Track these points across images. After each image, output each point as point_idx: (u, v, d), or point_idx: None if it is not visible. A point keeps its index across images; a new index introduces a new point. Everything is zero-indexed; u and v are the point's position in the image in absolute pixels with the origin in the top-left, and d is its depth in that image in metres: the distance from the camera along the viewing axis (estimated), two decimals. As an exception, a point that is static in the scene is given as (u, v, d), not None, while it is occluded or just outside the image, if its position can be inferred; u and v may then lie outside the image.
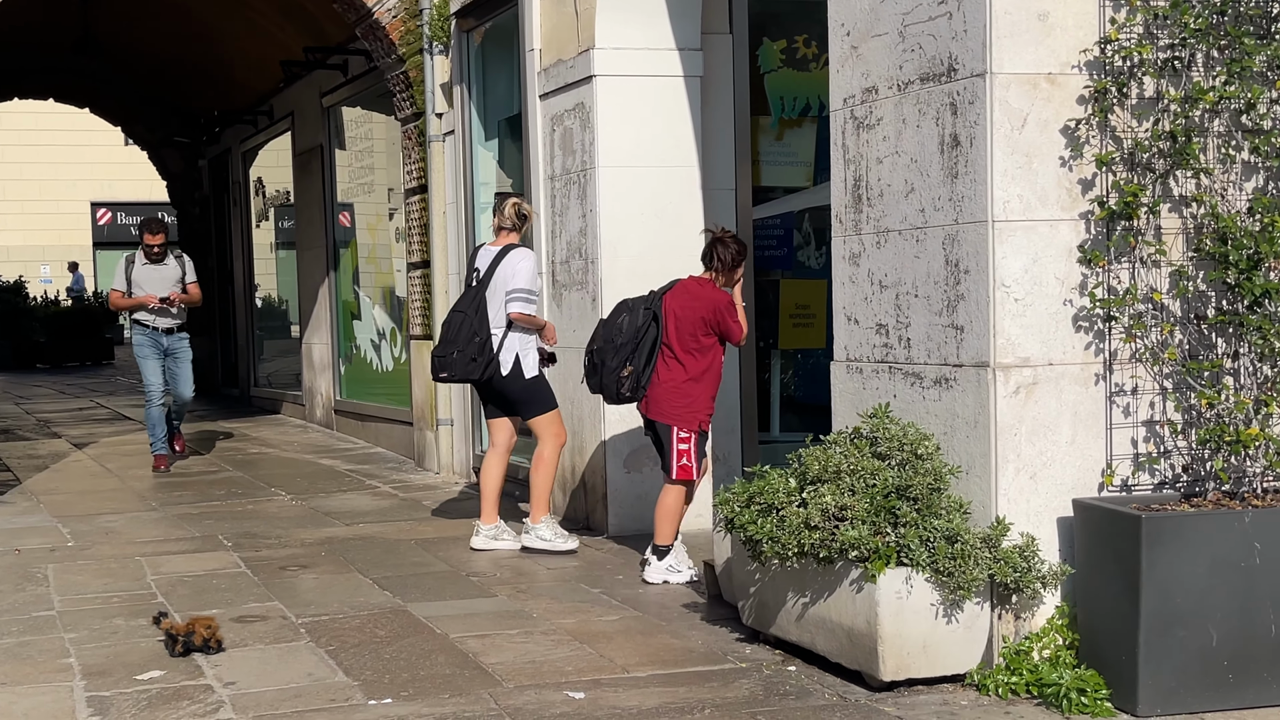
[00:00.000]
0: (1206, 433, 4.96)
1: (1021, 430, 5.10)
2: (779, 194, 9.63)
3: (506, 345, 7.93)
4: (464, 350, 7.93)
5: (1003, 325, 5.08)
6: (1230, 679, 4.75)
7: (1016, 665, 5.06)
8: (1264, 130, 5.02)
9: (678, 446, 7.06)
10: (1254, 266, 4.87)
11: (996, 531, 5.04)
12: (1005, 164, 5.05)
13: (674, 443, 7.06)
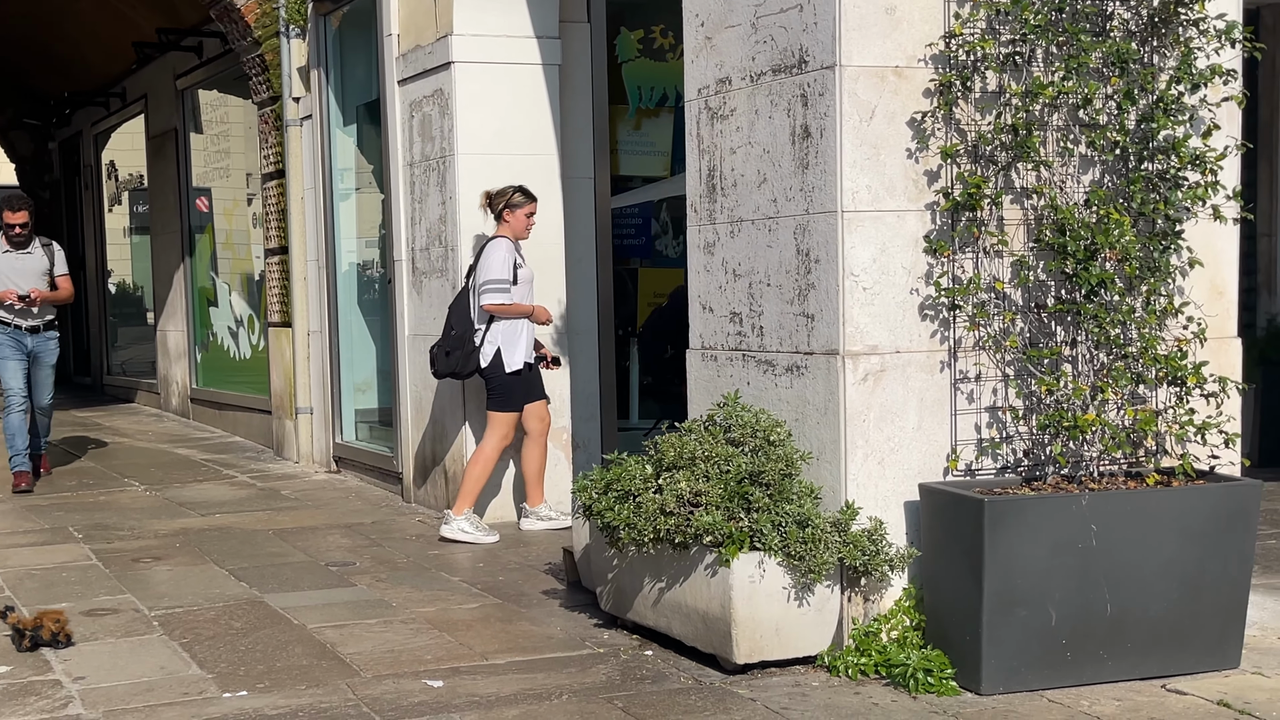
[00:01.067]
0: (1046, 418, 5.10)
1: (870, 417, 5.20)
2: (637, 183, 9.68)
3: (489, 338, 7.88)
4: (444, 345, 7.97)
5: (852, 314, 5.17)
6: (1068, 656, 4.90)
7: (866, 646, 5.16)
8: (1099, 125, 5.17)
9: None
10: (1090, 257, 5.01)
11: (846, 516, 5.13)
12: (854, 155, 5.14)
13: None
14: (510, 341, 7.82)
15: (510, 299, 7.81)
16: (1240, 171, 5.56)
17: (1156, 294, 5.20)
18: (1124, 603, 4.92)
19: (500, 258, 7.77)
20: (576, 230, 8.83)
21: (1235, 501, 5.05)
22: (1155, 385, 5.23)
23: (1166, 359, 5.12)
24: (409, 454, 9.27)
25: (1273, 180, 10.06)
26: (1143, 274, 5.14)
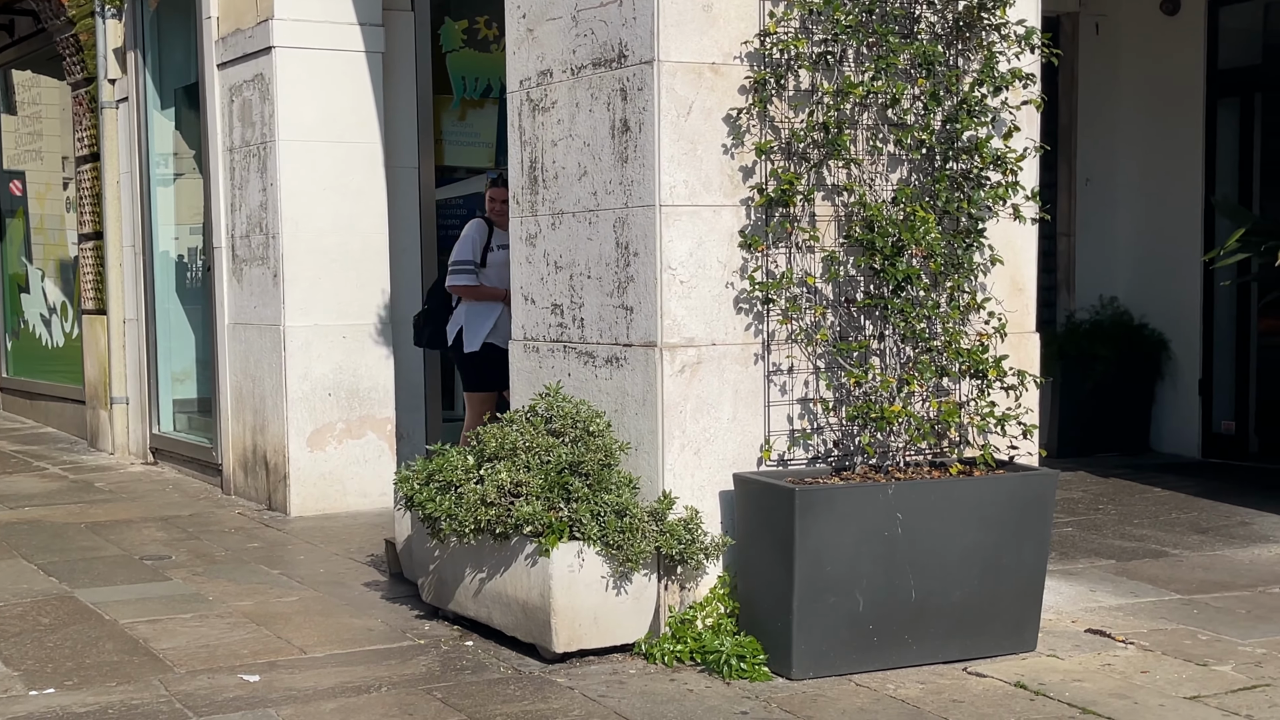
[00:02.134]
0: (855, 410, 5.23)
1: (687, 408, 5.27)
2: (463, 174, 9.63)
3: (454, 317, 7.88)
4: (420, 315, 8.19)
5: (669, 306, 5.23)
6: (875, 641, 5.03)
7: (682, 634, 5.23)
8: (907, 125, 5.31)
9: None
10: (897, 253, 5.15)
11: (663, 505, 5.19)
12: (672, 150, 5.19)
13: None
14: (473, 322, 7.77)
15: (475, 281, 7.78)
16: (1040, 173, 5.75)
17: (960, 290, 5.36)
18: (928, 588, 5.07)
19: (467, 238, 7.78)
20: (401, 220, 8.77)
21: (1032, 490, 5.24)
22: (958, 378, 5.39)
23: (969, 353, 5.28)
24: (229, 445, 9.09)
25: (1071, 182, 10.44)
26: (947, 270, 5.30)
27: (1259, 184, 9.65)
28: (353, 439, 8.52)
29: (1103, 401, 9.93)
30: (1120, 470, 9.35)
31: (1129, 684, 4.90)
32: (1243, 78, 9.66)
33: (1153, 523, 7.64)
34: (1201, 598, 6.06)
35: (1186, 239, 9.76)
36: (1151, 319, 10.09)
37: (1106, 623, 5.65)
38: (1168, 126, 9.90)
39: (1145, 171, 10.08)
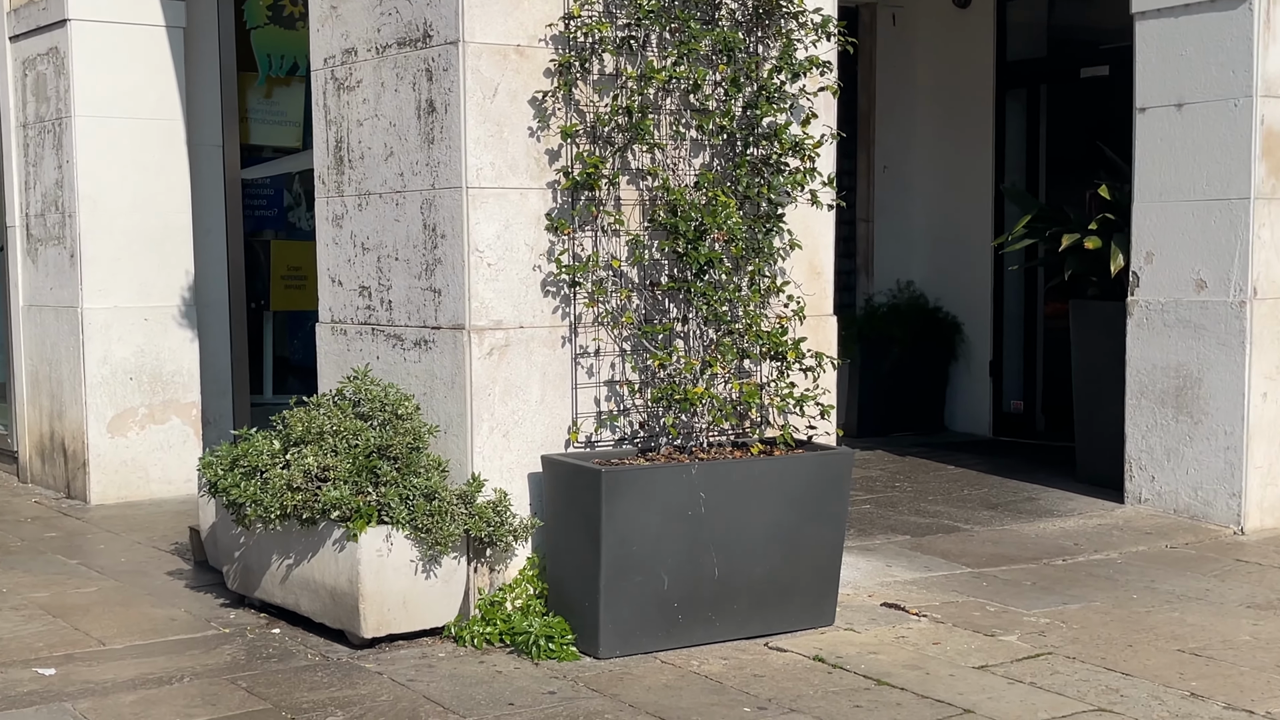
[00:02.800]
0: (659, 391, 5.24)
1: (495, 390, 5.21)
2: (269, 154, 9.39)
3: None
4: None
5: (477, 289, 5.16)
6: (680, 619, 5.06)
7: (491, 616, 5.19)
8: (708, 110, 5.33)
9: None
10: (700, 237, 5.17)
11: (472, 488, 5.14)
12: (478, 132, 5.12)
13: None
14: None
15: None
16: (840, 160, 5.84)
17: (760, 274, 5.41)
18: (731, 567, 5.11)
19: None
20: (205, 200, 8.50)
21: (830, 469, 5.32)
22: (759, 360, 5.45)
23: (769, 335, 5.34)
24: (25, 432, 8.72)
25: (870, 169, 10.66)
26: (748, 254, 5.34)
27: (1045, 172, 9.98)
28: (156, 424, 8.25)
29: (900, 382, 10.17)
30: (916, 449, 9.58)
31: (921, 655, 5.02)
32: (1029, 69, 9.97)
33: (946, 499, 7.85)
34: (990, 571, 6.25)
35: (978, 225, 10.05)
36: (946, 302, 10.36)
37: (901, 596, 5.78)
38: (960, 116, 10.17)
39: (940, 159, 10.34)
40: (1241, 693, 4.58)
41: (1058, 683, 4.69)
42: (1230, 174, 6.92)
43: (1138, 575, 6.15)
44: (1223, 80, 6.93)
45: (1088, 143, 8.70)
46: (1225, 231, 6.95)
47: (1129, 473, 7.44)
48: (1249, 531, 6.93)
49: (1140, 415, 7.38)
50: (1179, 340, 7.17)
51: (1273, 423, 6.98)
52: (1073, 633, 5.27)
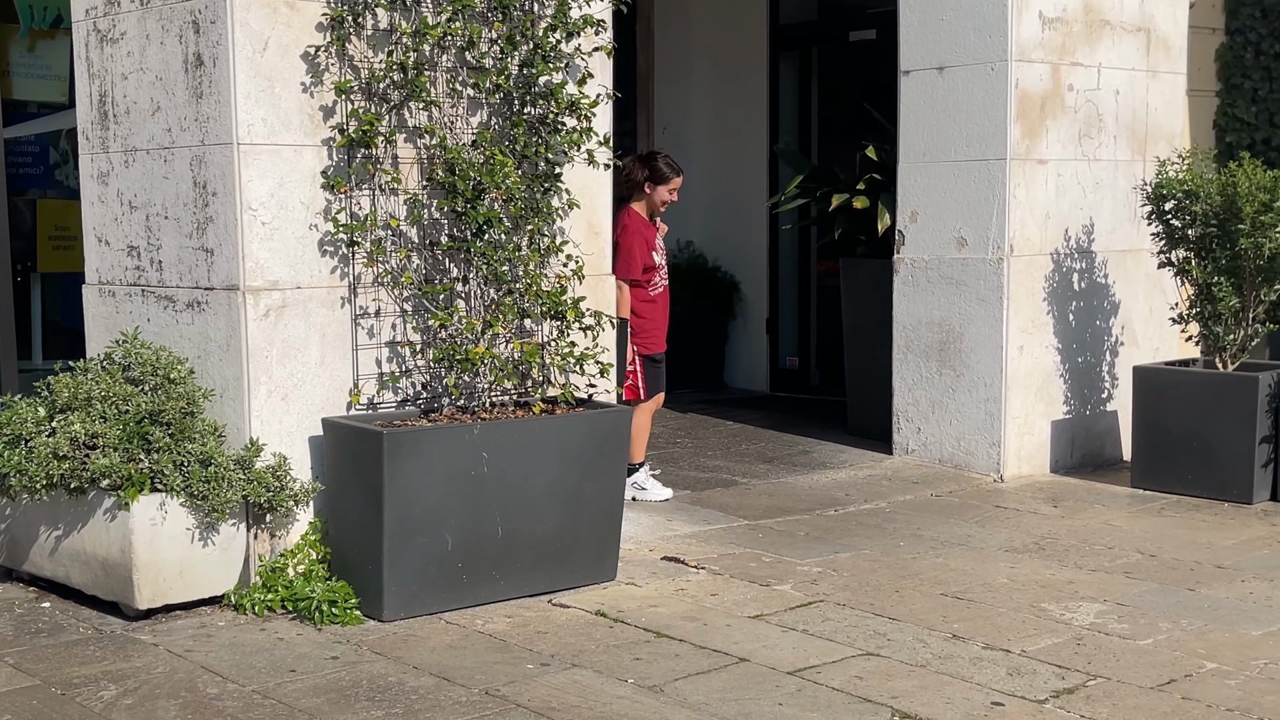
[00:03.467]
0: (441, 352, 5.17)
1: (273, 353, 5.07)
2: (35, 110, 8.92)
3: None
4: None
5: (251, 249, 5.01)
6: (465, 579, 5.02)
7: (272, 582, 5.06)
8: (485, 68, 5.26)
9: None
10: (478, 196, 5.11)
11: (250, 453, 4.99)
12: (249, 87, 4.95)
13: None
14: None
15: None
16: (620, 121, 5.84)
17: (540, 233, 5.38)
18: (514, 525, 5.09)
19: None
20: (-38, 158, 8.02)
21: (610, 426, 5.34)
22: (540, 320, 5.42)
23: (549, 295, 5.31)
24: None
25: (650, 130, 10.71)
26: (527, 214, 5.30)
27: (817, 133, 10.18)
28: (-88, 393, 7.79)
29: (681, 341, 10.23)
30: (698, 406, 9.71)
31: (700, 607, 5.09)
32: (801, 32, 10.14)
33: (725, 454, 7.98)
34: (766, 522, 6.38)
35: (754, 186, 10.20)
36: (725, 262, 10.50)
37: (682, 550, 5.86)
38: (736, 78, 10.28)
39: (717, 120, 10.45)
40: (999, 633, 4.77)
41: (829, 629, 4.82)
42: (988, 136, 7.17)
43: (905, 523, 6.35)
44: (980, 45, 7.17)
45: (858, 104, 8.90)
46: (984, 191, 7.21)
47: (897, 425, 7.68)
48: (1008, 479, 7.23)
49: (906, 369, 7.62)
50: (942, 296, 7.41)
51: (1029, 374, 7.28)
52: (843, 580, 5.42)
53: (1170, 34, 7.79)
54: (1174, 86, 7.84)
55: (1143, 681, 4.28)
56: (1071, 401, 7.49)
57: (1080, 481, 7.26)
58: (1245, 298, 6.83)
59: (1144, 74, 7.67)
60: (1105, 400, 7.65)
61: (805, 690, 4.23)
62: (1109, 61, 7.49)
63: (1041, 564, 5.66)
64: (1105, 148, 7.52)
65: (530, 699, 4.15)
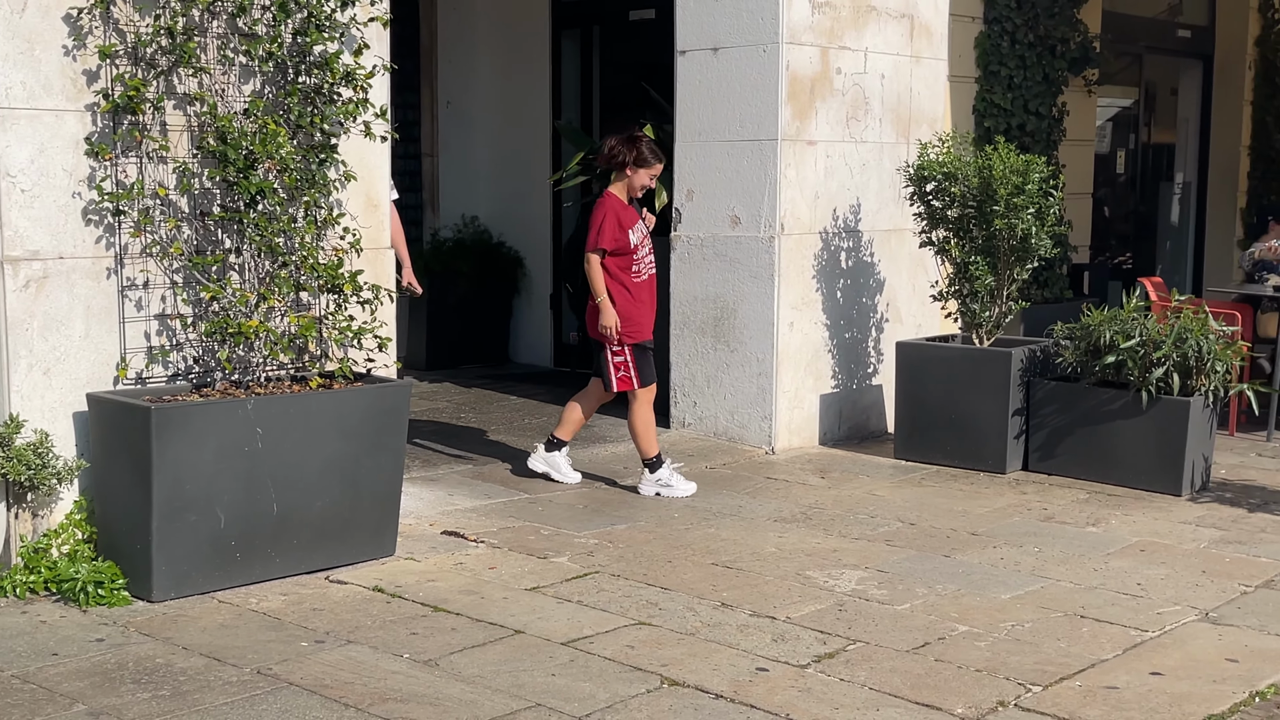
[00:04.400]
0: (213, 325, 5.01)
1: (34, 325, 4.85)
2: None
3: None
4: None
5: (10, 217, 4.77)
6: (239, 557, 4.89)
7: (35, 563, 4.85)
8: (257, 35, 5.11)
9: (611, 360, 6.49)
10: (251, 166, 4.96)
11: (9, 430, 4.77)
12: (7, 48, 4.70)
13: (606, 359, 6.50)
14: None
15: None
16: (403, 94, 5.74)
17: (316, 205, 5.26)
18: (290, 502, 4.98)
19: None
20: None
21: (388, 401, 5.27)
22: (317, 293, 5.31)
23: (326, 268, 5.20)
24: None
25: (434, 104, 10.59)
26: (302, 185, 5.17)
27: (600, 110, 10.20)
28: None
29: (467, 317, 10.22)
30: (483, 381, 9.66)
31: (478, 580, 5.08)
32: (583, 10, 10.14)
33: (508, 429, 7.96)
34: (546, 496, 6.39)
35: (538, 162, 10.17)
36: (510, 237, 10.46)
37: (462, 524, 5.83)
38: (519, 53, 10.23)
39: (500, 96, 10.39)
40: (766, 601, 4.89)
41: (603, 600, 4.86)
42: (761, 116, 7.30)
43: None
44: (753, 26, 7.29)
45: (639, 83, 8.95)
46: (757, 171, 7.34)
47: (674, 399, 7.78)
48: (779, 451, 7.40)
49: (683, 344, 7.72)
50: (717, 273, 7.53)
51: (799, 350, 7.46)
52: (619, 552, 5.47)
53: (932, 21, 8.05)
54: (936, 72, 8.11)
55: (899, 645, 4.44)
56: (839, 376, 7.71)
57: (847, 453, 7.48)
58: (1000, 276, 7.12)
59: (908, 59, 7.91)
60: (871, 375, 7.89)
61: (578, 660, 4.26)
62: (875, 46, 7.70)
63: (808, 533, 5.82)
64: (871, 130, 7.74)
65: (303, 677, 4.08)
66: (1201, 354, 6.50)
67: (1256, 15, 11.87)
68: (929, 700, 3.98)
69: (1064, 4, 9.09)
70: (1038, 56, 9.00)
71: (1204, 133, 12.13)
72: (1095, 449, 6.76)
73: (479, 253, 10.28)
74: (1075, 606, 4.85)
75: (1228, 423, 8.04)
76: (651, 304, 6.55)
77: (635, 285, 6.44)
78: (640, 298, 6.47)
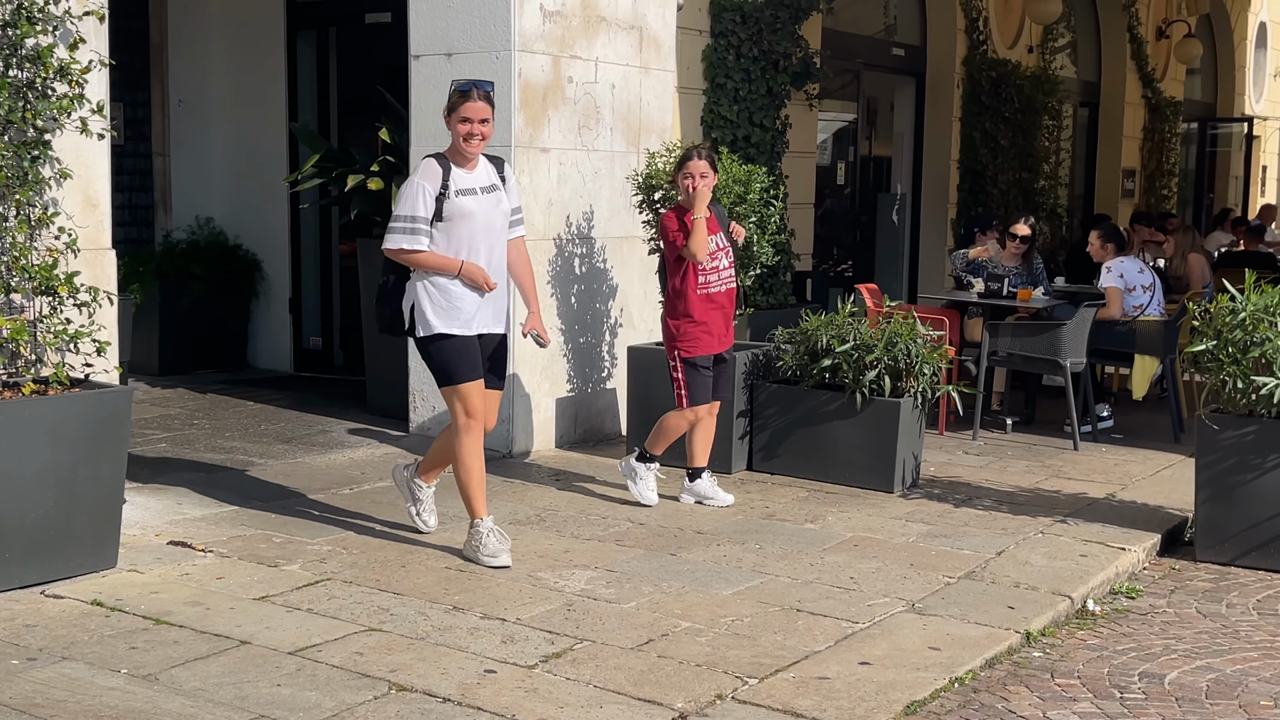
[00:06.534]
0: (-88, 331, 4.69)
1: None
2: None
3: (406, 292, 5.39)
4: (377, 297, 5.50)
5: None
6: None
7: None
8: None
9: (671, 375, 6.37)
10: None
11: None
12: None
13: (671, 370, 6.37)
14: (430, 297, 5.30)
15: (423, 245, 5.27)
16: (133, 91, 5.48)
17: (28, 204, 4.96)
18: (1, 512, 4.69)
19: (411, 189, 5.30)
20: None
21: (107, 407, 5.01)
22: (30, 295, 5.01)
23: (39, 269, 4.92)
24: None
25: (165, 102, 10.17)
26: (13, 183, 4.87)
27: (338, 113, 9.98)
28: None
29: (202, 320, 9.85)
30: (218, 386, 9.33)
31: (204, 591, 4.89)
32: (319, 11, 9.90)
33: (244, 435, 7.71)
34: (280, 503, 6.20)
35: (275, 163, 9.88)
36: (246, 240, 10.14)
37: (190, 534, 5.60)
38: (254, 53, 9.92)
39: (236, 96, 10.05)
40: (497, 603, 4.86)
41: (334, 607, 4.75)
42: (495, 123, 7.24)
43: (417, 498, 6.35)
44: (486, 33, 7.24)
45: (376, 86, 8.79)
46: (497, 178, 7.28)
47: (413, 404, 7.68)
48: (515, 454, 7.37)
49: (422, 348, 7.61)
50: (456, 278, 7.43)
51: (535, 354, 7.42)
52: (352, 558, 5.35)
53: (661, 33, 8.16)
54: (664, 83, 8.23)
55: (624, 643, 4.48)
56: (575, 380, 7.73)
57: (582, 456, 7.51)
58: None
59: (638, 70, 8.00)
60: (606, 379, 7.95)
61: (305, 669, 4.14)
62: (605, 56, 7.76)
63: (541, 535, 5.81)
64: (603, 139, 7.80)
65: (12, 696, 3.84)
66: (911, 357, 6.77)
67: (963, 37, 12.46)
68: (651, 696, 4.02)
69: (786, 20, 9.33)
70: (762, 70, 9.21)
71: (918, 147, 12.67)
72: (814, 449, 6.97)
73: (214, 255, 9.93)
74: (792, 601, 4.98)
75: (938, 423, 8.42)
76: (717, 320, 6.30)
77: (701, 298, 6.26)
78: (704, 312, 6.26)
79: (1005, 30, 13.25)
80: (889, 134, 12.77)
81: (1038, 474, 7.34)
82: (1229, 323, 5.82)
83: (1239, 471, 5.79)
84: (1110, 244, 9.13)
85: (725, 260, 6.31)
